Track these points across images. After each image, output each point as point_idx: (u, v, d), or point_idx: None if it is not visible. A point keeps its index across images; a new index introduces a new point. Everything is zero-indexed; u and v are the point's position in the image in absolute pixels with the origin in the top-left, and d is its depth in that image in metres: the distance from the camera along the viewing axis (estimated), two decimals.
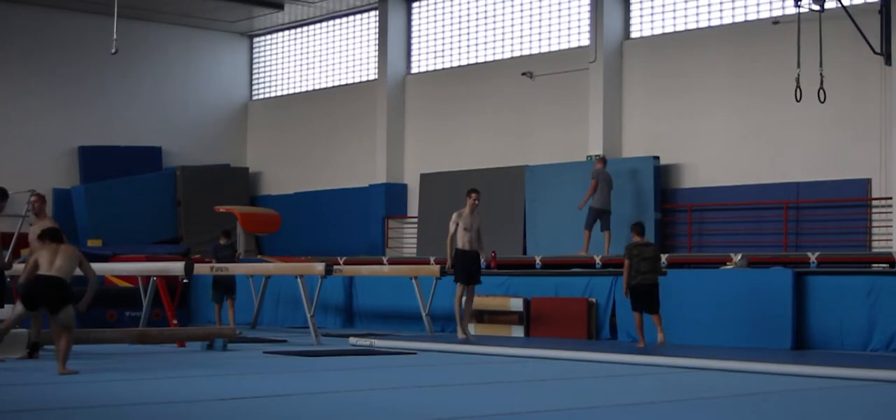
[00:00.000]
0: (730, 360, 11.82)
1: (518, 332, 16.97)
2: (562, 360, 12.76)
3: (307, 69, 28.56)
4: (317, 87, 28.20)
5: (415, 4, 25.69)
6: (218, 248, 18.27)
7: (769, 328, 14.61)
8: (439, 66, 25.24)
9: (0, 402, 8.42)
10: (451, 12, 24.99)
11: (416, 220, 24.57)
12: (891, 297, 14.21)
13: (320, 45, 28.15)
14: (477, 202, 15.48)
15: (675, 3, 21.19)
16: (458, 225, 15.28)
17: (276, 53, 29.35)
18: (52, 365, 11.82)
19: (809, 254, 15.90)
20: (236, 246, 19.65)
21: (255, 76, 29.88)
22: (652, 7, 21.48)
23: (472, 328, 17.54)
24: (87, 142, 26.96)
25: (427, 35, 25.52)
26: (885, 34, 18.01)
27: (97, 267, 19.51)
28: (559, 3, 22.97)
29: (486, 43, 24.34)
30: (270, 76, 29.53)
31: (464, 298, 15.49)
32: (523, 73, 23.01)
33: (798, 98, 17.11)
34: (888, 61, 17.98)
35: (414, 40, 25.77)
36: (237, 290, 18.66)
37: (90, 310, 18.12)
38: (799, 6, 17.27)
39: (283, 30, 28.90)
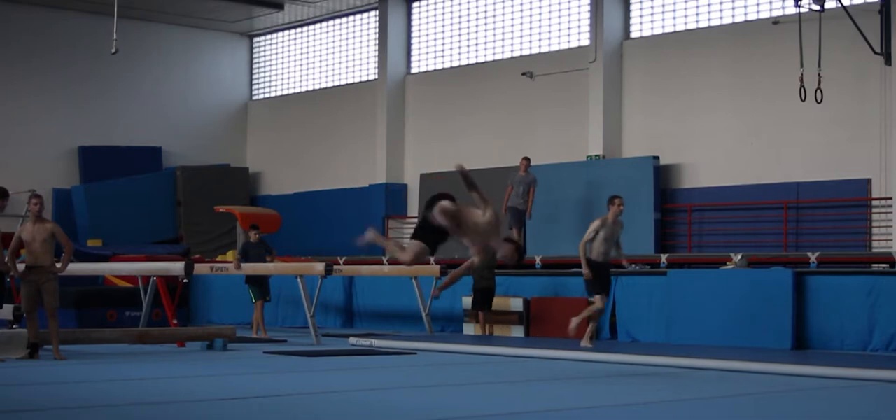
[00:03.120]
0: (730, 360, 11.82)
1: (518, 332, 16.97)
2: (562, 360, 12.76)
3: (307, 69, 28.56)
4: (317, 87, 28.20)
5: (415, 4, 25.69)
6: (248, 246, 17.46)
7: (769, 328, 14.62)
8: (439, 66, 25.24)
9: (0, 402, 8.42)
10: (451, 12, 24.99)
11: (416, 220, 24.56)
12: (891, 297, 14.21)
13: (320, 45, 28.15)
14: (621, 208, 14.05)
15: (675, 3, 21.19)
16: (598, 233, 13.76)
17: (276, 53, 29.35)
18: (52, 365, 11.85)
19: (809, 254, 15.90)
20: (268, 243, 17.96)
21: (255, 76, 29.88)
22: (652, 7, 21.48)
23: (472, 328, 17.54)
24: (87, 142, 26.95)
25: (427, 35, 25.52)
26: (885, 34, 18.01)
27: (97, 267, 19.67)
28: (559, 3, 22.97)
29: (486, 43, 24.34)
30: (270, 76, 29.53)
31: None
32: (523, 73, 23.00)
33: (802, 97, 17.13)
34: (888, 61, 17.98)
35: (414, 40, 25.76)
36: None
37: (91, 309, 18.26)
38: (799, 6, 17.28)
39: (283, 30, 28.90)
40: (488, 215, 9.49)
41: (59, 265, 12.77)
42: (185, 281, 17.79)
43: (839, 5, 17.85)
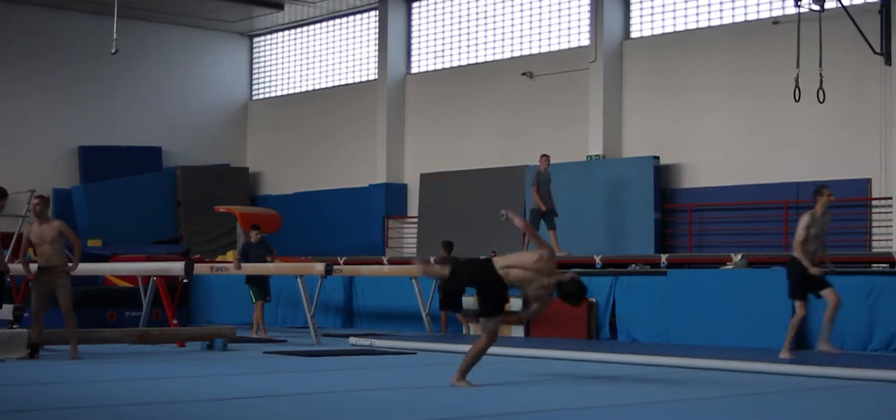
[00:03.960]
0: (730, 360, 11.81)
1: (518, 332, 16.96)
2: (562, 360, 12.76)
3: (307, 69, 28.56)
4: (317, 87, 28.20)
5: (415, 4, 25.69)
6: (248, 246, 17.41)
7: (769, 328, 14.60)
8: (439, 66, 25.24)
9: (0, 402, 8.42)
10: (451, 12, 24.99)
11: (415, 220, 24.56)
12: (891, 297, 14.20)
13: (320, 45, 28.16)
14: (831, 199, 12.52)
15: (675, 3, 21.19)
16: (809, 231, 12.27)
17: (276, 53, 29.35)
18: (52, 365, 11.84)
19: None
20: (268, 243, 17.88)
21: (255, 76, 29.89)
22: (652, 7, 21.48)
23: (473, 328, 17.54)
24: (87, 142, 26.96)
25: (427, 35, 25.52)
26: (885, 34, 18.02)
27: (97, 267, 19.65)
28: (559, 3, 22.97)
29: (486, 43, 24.34)
30: (270, 76, 29.53)
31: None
32: (523, 73, 23.01)
33: (797, 98, 17.14)
34: (888, 61, 17.98)
35: (414, 40, 25.77)
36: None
37: (91, 309, 18.26)
38: (799, 6, 17.28)
39: (283, 30, 28.90)
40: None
41: (71, 264, 12.74)
42: (185, 281, 17.79)
43: (839, 5, 17.85)
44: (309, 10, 27.26)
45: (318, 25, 28.06)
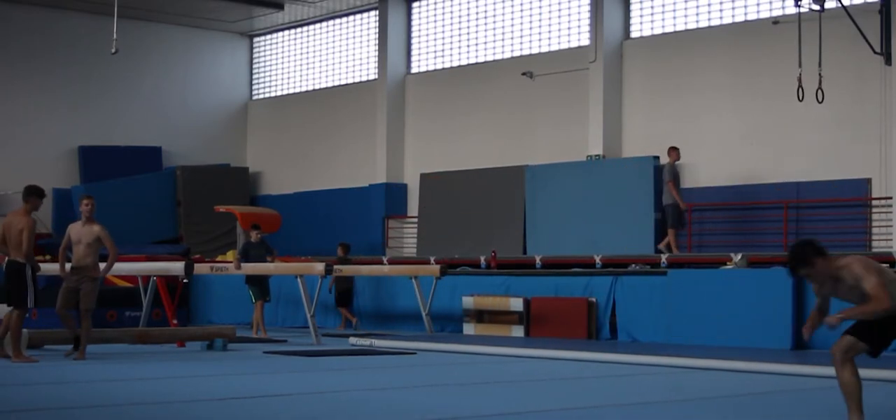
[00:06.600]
0: (730, 360, 11.82)
1: (518, 332, 16.97)
2: (562, 360, 12.76)
3: (307, 69, 28.56)
4: (317, 87, 28.20)
5: (415, 4, 25.69)
6: (248, 246, 17.44)
7: (769, 328, 14.61)
8: (439, 66, 25.24)
9: (0, 402, 8.42)
10: (451, 12, 24.99)
11: (415, 220, 24.56)
12: None
13: (320, 45, 28.16)
14: None
15: (675, 3, 21.19)
16: None
17: (276, 53, 29.35)
18: (52, 365, 11.85)
19: None
20: (268, 243, 17.93)
21: (255, 76, 29.88)
22: (652, 7, 21.48)
23: (472, 328, 17.55)
24: (87, 142, 26.95)
25: (427, 35, 25.52)
26: (885, 34, 18.01)
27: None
28: (559, 3, 22.97)
29: (486, 43, 24.34)
30: (270, 76, 29.53)
31: None
32: (523, 73, 23.00)
33: (800, 97, 17.14)
34: (888, 61, 17.98)
35: (414, 40, 25.76)
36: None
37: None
38: (799, 6, 17.28)
39: (283, 30, 28.90)
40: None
41: (103, 266, 12.78)
42: (185, 281, 17.78)
43: (839, 5, 17.85)
44: (309, 10, 27.26)
45: (318, 25, 28.05)
